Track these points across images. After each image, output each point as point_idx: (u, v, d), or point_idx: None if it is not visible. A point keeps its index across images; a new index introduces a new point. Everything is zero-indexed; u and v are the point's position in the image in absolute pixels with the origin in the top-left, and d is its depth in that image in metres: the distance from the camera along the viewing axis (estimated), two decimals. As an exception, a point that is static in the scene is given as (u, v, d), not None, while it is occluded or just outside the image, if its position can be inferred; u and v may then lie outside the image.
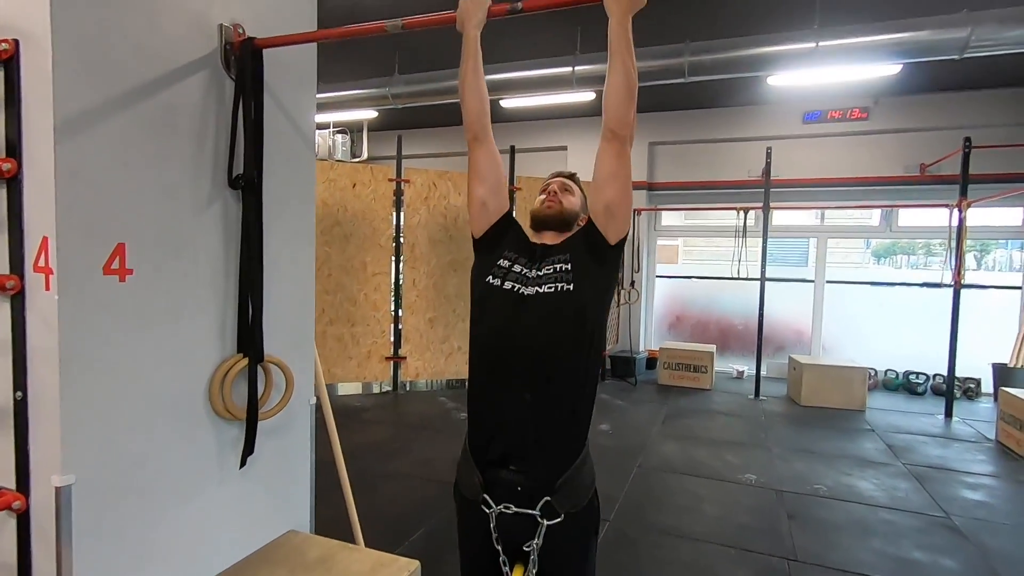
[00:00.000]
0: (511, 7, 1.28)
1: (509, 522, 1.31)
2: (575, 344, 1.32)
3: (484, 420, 1.39)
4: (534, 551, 1.29)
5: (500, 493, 1.31)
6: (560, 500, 1.29)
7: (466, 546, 1.49)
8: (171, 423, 1.42)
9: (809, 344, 6.69)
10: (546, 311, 1.32)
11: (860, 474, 3.60)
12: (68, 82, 1.17)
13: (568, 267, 1.35)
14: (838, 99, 6.04)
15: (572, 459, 1.32)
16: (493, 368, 1.37)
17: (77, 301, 1.20)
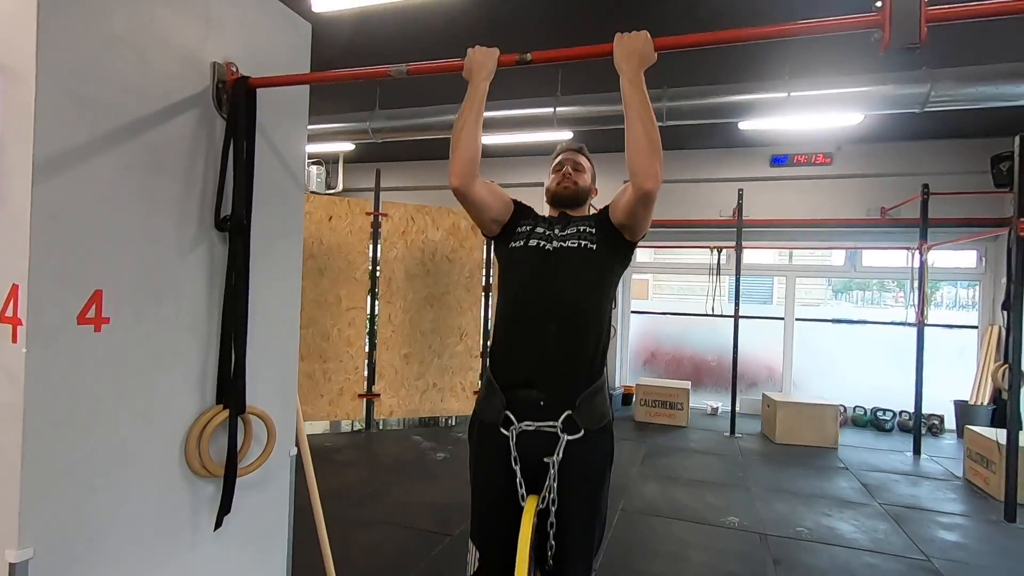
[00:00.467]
0: (520, 58, 1.28)
1: (530, 439, 1.37)
2: (593, 291, 1.48)
3: (509, 353, 1.48)
4: (553, 464, 1.33)
5: (522, 410, 1.39)
6: (581, 415, 1.37)
7: (479, 476, 1.50)
8: (142, 484, 1.31)
9: (780, 380, 6.79)
10: (570, 262, 1.48)
11: (839, 515, 3.61)
12: (51, 119, 1.10)
13: (592, 231, 1.51)
14: (804, 144, 6.30)
15: (591, 382, 1.42)
16: (521, 309, 1.49)
17: (47, 354, 1.10)
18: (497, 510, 1.44)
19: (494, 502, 1.45)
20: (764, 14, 3.53)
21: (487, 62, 1.43)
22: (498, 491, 1.42)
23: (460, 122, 1.52)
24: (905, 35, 1.01)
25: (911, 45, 1.01)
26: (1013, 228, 3.58)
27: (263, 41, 1.64)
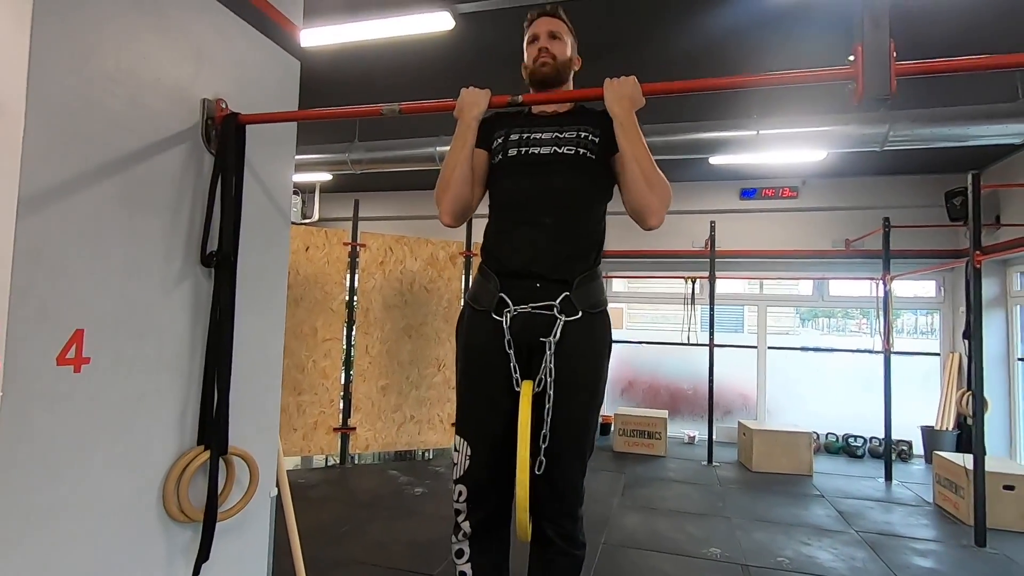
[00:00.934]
0: (511, 100, 1.31)
1: (525, 322, 1.31)
2: (591, 195, 1.44)
3: (503, 243, 1.43)
4: (550, 345, 1.28)
5: (518, 294, 1.35)
6: (578, 296, 1.34)
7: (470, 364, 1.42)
8: (116, 534, 1.25)
9: (755, 408, 6.88)
10: (567, 168, 1.41)
11: (818, 543, 3.63)
12: (38, 155, 1.08)
13: (596, 139, 1.42)
14: (772, 178, 6.54)
15: (587, 268, 1.39)
16: (515, 205, 1.45)
17: (23, 397, 1.06)
18: (490, 400, 1.37)
19: (486, 392, 1.39)
20: (730, 58, 3.71)
21: (479, 102, 1.45)
22: (491, 380, 1.37)
23: (451, 163, 1.52)
24: (877, 87, 1.07)
25: (883, 97, 1.08)
26: (970, 260, 3.75)
27: (253, 77, 1.65)
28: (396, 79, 4.24)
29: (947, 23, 3.22)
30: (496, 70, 4.07)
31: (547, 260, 1.37)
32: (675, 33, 3.45)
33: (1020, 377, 5.72)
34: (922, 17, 3.15)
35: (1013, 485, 4.04)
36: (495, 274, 1.41)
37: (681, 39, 3.52)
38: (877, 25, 1.09)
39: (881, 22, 1.09)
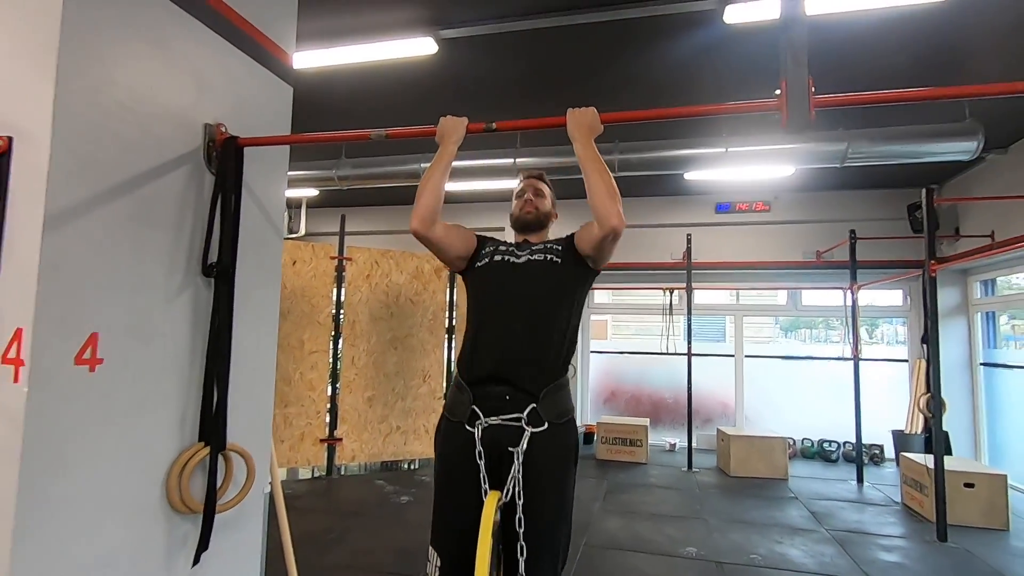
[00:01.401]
0: (487, 127, 1.47)
1: (495, 434, 1.39)
2: (557, 297, 1.56)
3: (477, 351, 1.52)
4: (518, 455, 1.34)
5: (488, 406, 1.42)
6: (544, 408, 1.40)
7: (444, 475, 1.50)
8: (123, 522, 1.36)
9: (733, 416, 7.06)
10: (536, 271, 1.58)
11: (790, 542, 3.78)
12: (61, 179, 1.21)
13: (559, 249, 1.62)
14: (745, 193, 6.80)
15: (554, 378, 1.47)
16: (489, 315, 1.56)
17: (46, 393, 1.18)
18: (460, 509, 1.41)
19: (457, 501, 1.43)
20: (693, 86, 3.94)
21: (458, 128, 1.61)
22: (462, 489, 1.41)
23: (428, 176, 1.68)
24: (798, 117, 1.25)
25: (804, 124, 1.25)
26: (925, 269, 3.98)
27: (249, 102, 1.79)
28: (382, 100, 4.41)
29: (895, 55, 3.48)
30: (477, 92, 4.28)
31: (516, 367, 1.45)
32: (638, 59, 3.66)
33: (982, 381, 5.97)
34: (876, 49, 3.41)
35: (973, 483, 4.24)
36: (468, 385, 1.48)
37: (644, 65, 3.73)
38: (798, 63, 1.26)
39: (801, 60, 1.26)
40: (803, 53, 1.27)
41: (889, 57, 3.55)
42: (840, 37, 3.31)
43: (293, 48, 2.01)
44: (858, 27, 3.21)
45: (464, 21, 3.27)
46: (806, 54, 1.27)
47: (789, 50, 1.27)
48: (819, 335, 10.05)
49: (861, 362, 5.61)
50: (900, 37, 3.34)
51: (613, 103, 4.33)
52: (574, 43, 3.46)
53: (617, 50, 3.53)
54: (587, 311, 7.78)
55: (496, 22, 3.23)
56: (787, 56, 1.27)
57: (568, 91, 4.11)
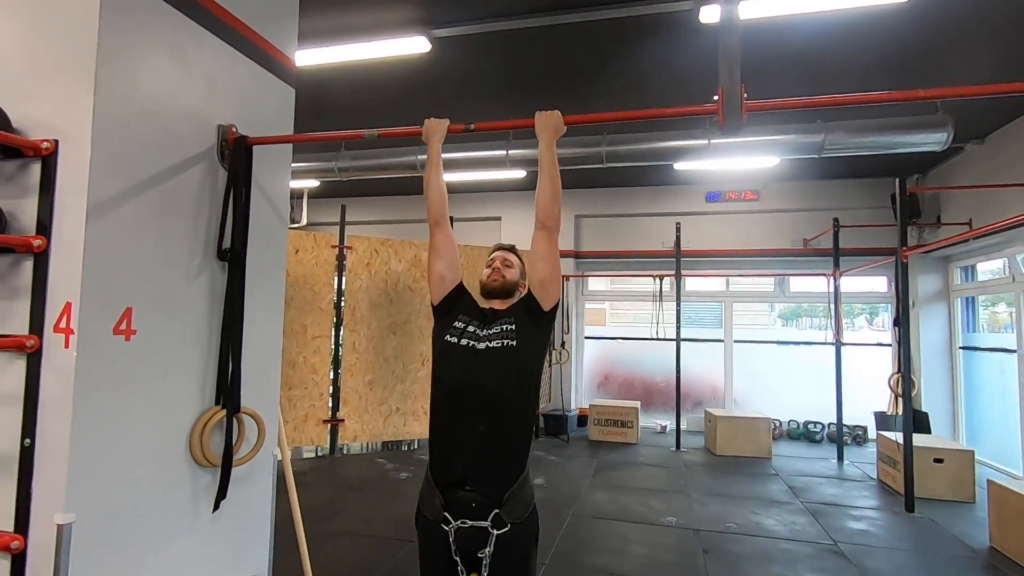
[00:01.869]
0: (466, 127, 1.67)
1: (465, 534, 1.58)
2: (517, 387, 1.67)
3: (445, 448, 1.66)
4: (487, 557, 1.55)
5: (458, 510, 1.58)
6: (507, 511, 1.58)
7: (427, 562, 1.69)
8: (154, 470, 1.58)
9: (723, 399, 7.29)
10: (495, 362, 1.66)
11: (766, 512, 4.02)
12: (100, 175, 1.42)
13: (512, 328, 1.70)
14: (734, 183, 6.97)
15: (516, 478, 1.62)
16: (453, 406, 1.67)
17: (91, 358, 1.39)
18: None
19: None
20: (671, 82, 4.12)
21: (440, 129, 1.81)
22: (438, 571, 1.63)
23: (425, 178, 1.88)
24: (732, 120, 1.45)
25: (737, 126, 1.45)
26: (897, 256, 4.18)
27: (256, 104, 1.99)
28: (378, 96, 4.60)
29: (860, 54, 3.66)
30: (468, 89, 4.46)
31: (481, 476, 1.57)
32: (620, 57, 3.83)
33: (961, 364, 6.18)
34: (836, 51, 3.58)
35: (942, 458, 4.47)
36: (439, 489, 1.61)
37: (626, 62, 3.91)
38: (731, 74, 1.46)
39: (735, 71, 1.46)
40: (737, 65, 1.47)
41: (856, 55, 3.73)
42: (808, 36, 3.49)
43: (295, 53, 2.20)
44: (828, 26, 3.39)
45: (456, 21, 3.45)
46: (739, 65, 1.47)
47: (725, 61, 1.47)
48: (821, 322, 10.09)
49: (847, 346, 5.82)
50: (867, 35, 3.51)
51: (596, 98, 4.52)
52: (559, 42, 3.64)
53: (600, 48, 3.71)
54: (583, 298, 7.99)
55: (485, 22, 3.41)
56: (723, 66, 1.47)
57: (553, 87, 4.29)
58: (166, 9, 1.63)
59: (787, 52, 3.78)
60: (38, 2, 1.49)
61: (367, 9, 3.38)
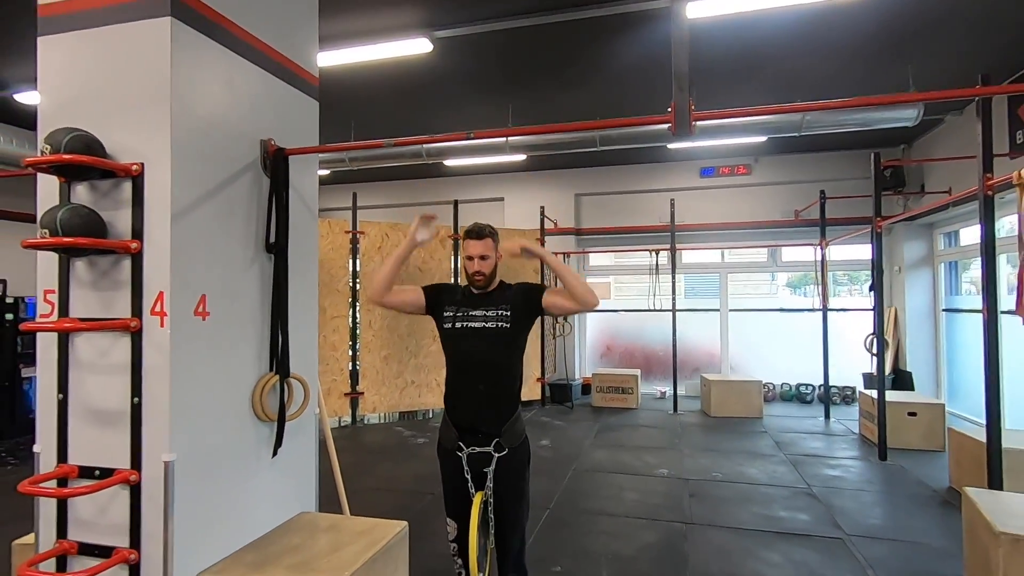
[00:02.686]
0: (467, 136, 2.01)
1: (475, 458, 2.06)
2: (508, 357, 2.13)
3: (459, 402, 2.14)
4: (490, 473, 2.04)
5: (469, 441, 2.07)
6: (505, 440, 2.06)
7: (447, 480, 2.19)
8: (228, 423, 1.98)
9: (720, 365, 7.68)
10: (492, 340, 2.11)
11: (750, 464, 4.43)
12: (178, 189, 1.78)
13: (508, 314, 2.13)
14: (727, 158, 7.24)
15: (509, 417, 2.10)
16: (463, 374, 2.14)
17: (180, 334, 1.78)
18: (460, 499, 2.14)
19: (457, 495, 2.15)
20: (652, 75, 4.40)
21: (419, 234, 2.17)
22: (459, 489, 2.13)
23: (384, 267, 2.22)
24: (682, 130, 1.79)
25: (687, 134, 1.79)
26: (872, 226, 4.49)
27: (287, 118, 2.34)
28: (385, 94, 4.90)
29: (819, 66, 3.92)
30: (469, 87, 4.76)
31: (485, 419, 2.07)
32: (605, 52, 4.11)
33: (944, 326, 6.51)
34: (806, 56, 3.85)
35: (916, 412, 4.84)
36: (455, 427, 2.10)
37: (611, 57, 4.19)
38: (681, 89, 1.79)
39: (684, 86, 1.79)
40: (686, 81, 1.79)
41: (830, 39, 3.99)
42: (780, 25, 3.76)
43: (317, 72, 2.54)
44: (800, 15, 3.65)
45: (455, 22, 3.74)
46: (688, 81, 1.80)
47: (675, 79, 1.80)
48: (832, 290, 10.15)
49: (838, 312, 6.15)
50: (843, 22, 3.77)
51: (584, 91, 4.80)
52: (550, 39, 3.93)
53: (586, 44, 3.99)
54: (584, 273, 8.34)
55: (483, 23, 3.70)
56: (674, 84, 1.80)
57: (546, 81, 4.58)
58: (216, 47, 1.97)
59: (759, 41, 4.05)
60: (121, 48, 1.83)
61: (373, 13, 3.68)
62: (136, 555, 1.75)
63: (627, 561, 2.83)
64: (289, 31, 2.37)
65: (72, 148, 1.70)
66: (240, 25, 2.08)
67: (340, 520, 2.31)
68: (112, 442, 1.78)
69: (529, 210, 7.41)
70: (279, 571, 1.87)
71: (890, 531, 3.14)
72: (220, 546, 1.94)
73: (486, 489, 2.09)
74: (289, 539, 2.11)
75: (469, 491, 2.08)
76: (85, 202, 1.83)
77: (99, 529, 1.79)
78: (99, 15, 1.85)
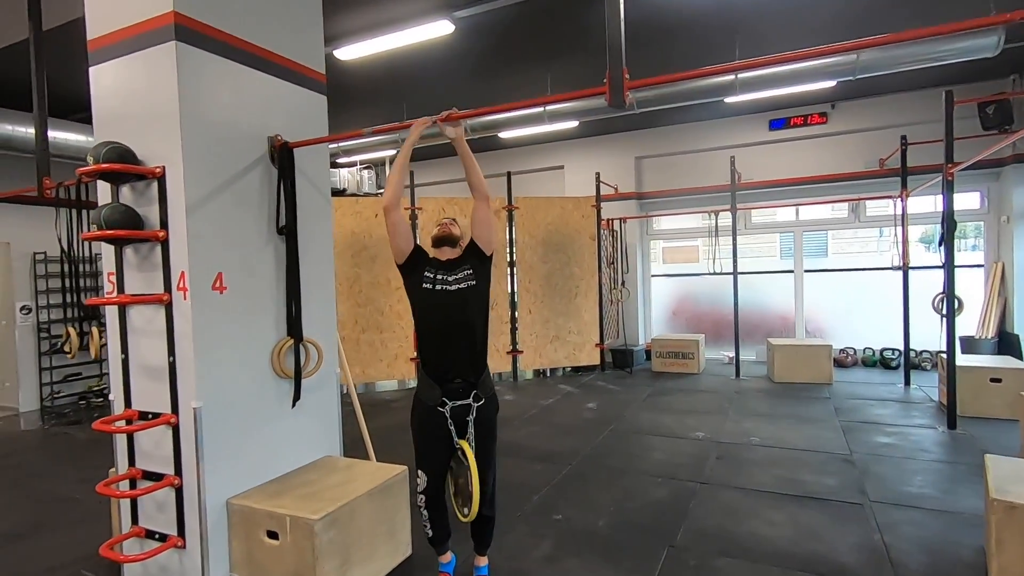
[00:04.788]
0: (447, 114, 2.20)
1: (457, 410, 2.24)
2: (479, 312, 2.29)
3: (440, 359, 2.30)
4: (471, 421, 2.24)
5: (451, 395, 2.24)
6: (481, 390, 2.26)
7: (426, 435, 2.34)
8: (249, 379, 2.38)
9: (794, 328, 7.29)
10: (465, 299, 2.27)
11: (795, 429, 4.29)
12: (192, 186, 2.15)
13: (471, 272, 2.29)
14: (799, 107, 6.71)
15: (482, 370, 2.30)
16: (441, 332, 2.29)
17: (200, 305, 2.17)
18: (438, 451, 2.31)
19: (437, 447, 2.31)
20: (661, 37, 4.20)
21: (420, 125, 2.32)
22: (439, 442, 2.29)
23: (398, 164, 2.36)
24: (616, 100, 1.84)
25: (621, 103, 1.85)
26: (943, 174, 4.06)
27: (296, 114, 2.65)
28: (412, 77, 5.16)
29: None
30: (491, 65, 4.85)
31: (464, 370, 2.25)
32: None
33: (1058, 282, 5.69)
34: None
35: (1000, 378, 4.38)
36: (436, 383, 2.25)
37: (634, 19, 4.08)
38: (615, 60, 1.84)
39: (616, 57, 1.83)
40: (619, 52, 1.84)
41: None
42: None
43: (324, 69, 2.82)
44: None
45: (474, 1, 3.87)
46: (621, 51, 1.84)
47: (610, 51, 1.85)
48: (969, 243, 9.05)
49: (928, 271, 5.61)
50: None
51: (601, 60, 4.71)
52: (562, 7, 3.93)
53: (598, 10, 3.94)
54: (647, 238, 8.18)
55: (498, -3, 3.79)
56: (608, 56, 1.85)
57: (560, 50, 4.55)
58: (220, 60, 2.30)
59: None
60: (143, 71, 2.21)
61: (396, 2, 3.90)
62: (179, 481, 2.21)
63: (627, 513, 2.96)
64: (294, 37, 2.66)
65: (108, 158, 2.12)
66: (243, 38, 2.40)
67: (355, 463, 2.68)
68: (159, 391, 2.24)
69: (590, 177, 7.39)
70: (289, 499, 2.26)
71: (920, 500, 2.97)
72: (247, 478, 2.37)
73: (468, 436, 2.27)
74: (307, 476, 2.51)
75: (453, 441, 2.27)
76: (128, 201, 2.26)
77: (155, 460, 2.27)
78: (128, 44, 2.24)
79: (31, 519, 3.19)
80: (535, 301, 6.82)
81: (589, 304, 6.96)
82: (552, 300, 6.87)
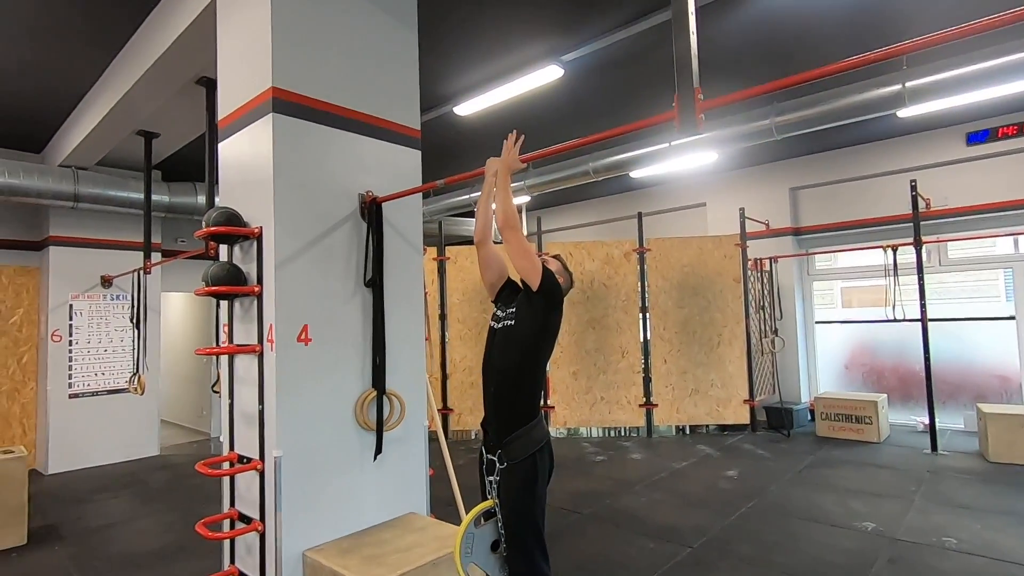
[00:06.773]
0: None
1: (487, 462, 2.04)
2: (513, 358, 2.02)
3: (483, 403, 2.15)
4: (493, 481, 1.99)
5: (486, 443, 2.07)
6: (506, 452, 1.96)
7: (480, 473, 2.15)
8: (331, 429, 2.41)
9: (1020, 391, 5.70)
10: (501, 338, 2.09)
11: (1015, 532, 3.22)
12: (282, 243, 2.29)
13: (514, 311, 2.06)
14: (1007, 114, 5.43)
15: (514, 428, 1.97)
16: (482, 374, 2.15)
17: (286, 356, 2.27)
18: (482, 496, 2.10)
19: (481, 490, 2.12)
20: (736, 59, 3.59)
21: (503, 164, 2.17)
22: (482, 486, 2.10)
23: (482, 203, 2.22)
24: (688, 124, 1.56)
25: (693, 127, 1.56)
26: None
27: (388, 170, 2.74)
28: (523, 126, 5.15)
29: None
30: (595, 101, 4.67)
31: (492, 423, 2.04)
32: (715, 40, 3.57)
33: None
34: None
35: None
36: (483, 429, 2.12)
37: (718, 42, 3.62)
38: (684, 79, 1.55)
39: (685, 75, 1.55)
40: (690, 72, 1.56)
41: None
42: None
43: (419, 126, 2.90)
44: None
45: (581, 43, 3.79)
46: (692, 71, 1.56)
47: (679, 72, 1.57)
48: None
49: None
50: None
51: (725, 83, 4.22)
52: (659, 35, 3.64)
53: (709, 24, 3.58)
54: (808, 278, 7.15)
55: (606, 36, 3.66)
56: (677, 77, 1.58)
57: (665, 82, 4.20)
58: (314, 127, 2.46)
59: None
60: (250, 142, 2.46)
61: (507, 54, 3.97)
62: (262, 527, 2.28)
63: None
64: (388, 98, 2.78)
65: (216, 222, 2.35)
66: (338, 104, 2.56)
67: (433, 524, 2.55)
68: (251, 438, 2.36)
69: (732, 215, 6.74)
70: (356, 559, 2.19)
71: None
72: (327, 530, 2.37)
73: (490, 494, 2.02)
74: (384, 534, 2.44)
75: (485, 491, 2.05)
76: (237, 259, 2.49)
77: (247, 503, 2.39)
78: (242, 120, 2.51)
79: (178, 542, 3.59)
80: (670, 350, 6.26)
81: (734, 354, 6.20)
82: (690, 349, 6.25)
